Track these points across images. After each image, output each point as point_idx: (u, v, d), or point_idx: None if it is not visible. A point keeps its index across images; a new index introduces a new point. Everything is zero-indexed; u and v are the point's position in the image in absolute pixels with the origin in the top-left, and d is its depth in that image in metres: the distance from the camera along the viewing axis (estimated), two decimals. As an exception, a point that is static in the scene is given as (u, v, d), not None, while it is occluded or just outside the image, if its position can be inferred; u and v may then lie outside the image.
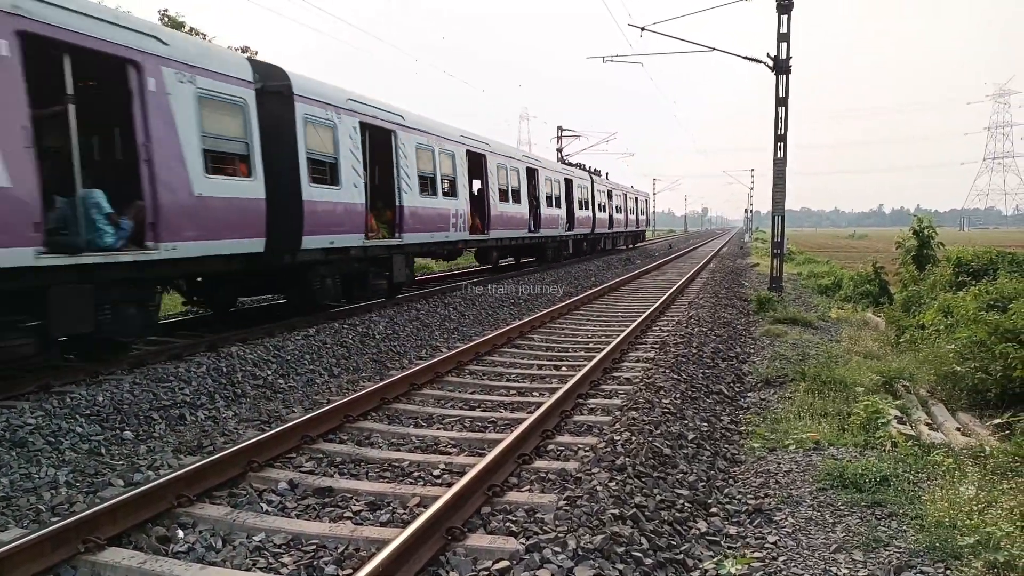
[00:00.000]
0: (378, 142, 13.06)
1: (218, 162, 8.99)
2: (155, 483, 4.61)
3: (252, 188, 9.52)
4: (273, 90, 10.02)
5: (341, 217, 11.46)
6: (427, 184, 14.63)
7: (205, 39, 22.41)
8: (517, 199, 20.46)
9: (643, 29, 18.04)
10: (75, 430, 6.22)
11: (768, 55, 16.99)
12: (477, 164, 17.72)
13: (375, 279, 13.09)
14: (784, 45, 16.87)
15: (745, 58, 17.65)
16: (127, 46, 7.61)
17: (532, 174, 22.30)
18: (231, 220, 9.12)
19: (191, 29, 22.77)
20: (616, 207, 36.23)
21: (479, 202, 18.12)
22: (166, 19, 22.50)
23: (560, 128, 44.98)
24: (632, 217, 41.17)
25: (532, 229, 21.91)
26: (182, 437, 6.43)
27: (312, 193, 10.66)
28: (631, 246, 42.29)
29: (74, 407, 6.57)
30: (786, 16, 16.74)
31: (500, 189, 18.92)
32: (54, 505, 4.84)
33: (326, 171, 11.17)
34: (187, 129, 8.35)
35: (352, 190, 11.73)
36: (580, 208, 28.30)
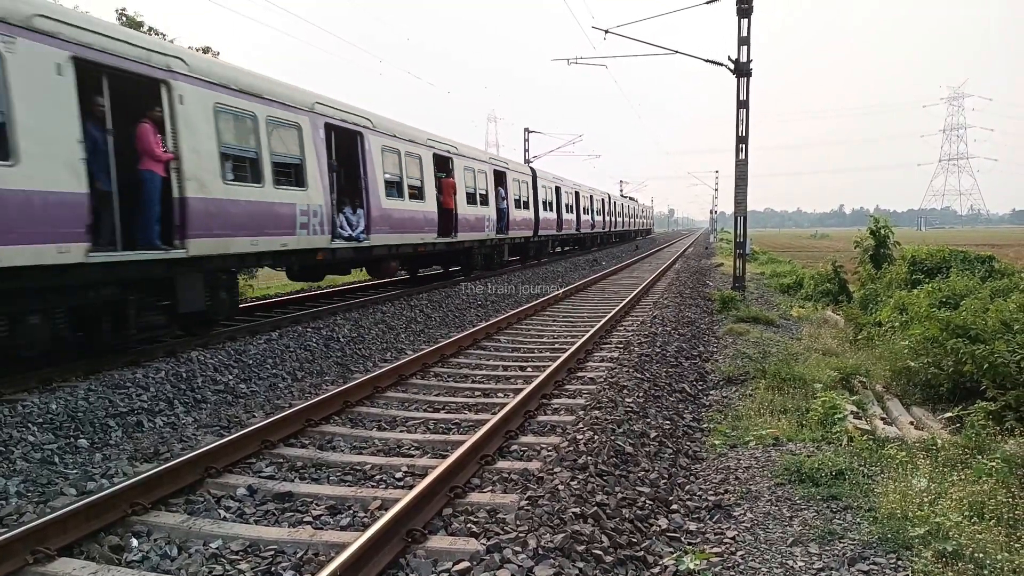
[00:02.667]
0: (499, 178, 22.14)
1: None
2: (108, 491, 4.50)
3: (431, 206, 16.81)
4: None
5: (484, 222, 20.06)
6: (519, 203, 24.08)
7: (165, 39, 21.97)
8: (570, 210, 32.58)
9: (607, 32, 18.19)
10: (27, 439, 6.05)
11: (729, 58, 17.26)
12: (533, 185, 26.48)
13: (498, 256, 22.43)
14: (744, 49, 17.14)
15: (707, 61, 17.89)
16: (358, 125, 13.31)
17: (577, 196, 34.20)
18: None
19: (149, 29, 22.33)
20: (645, 216, 73.37)
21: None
22: (124, 19, 22.01)
23: (527, 130, 45.13)
24: (643, 220, 72.03)
25: (577, 228, 35.22)
26: (139, 444, 6.30)
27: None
28: (641, 237, 66.78)
29: (26, 415, 6.39)
30: (746, 20, 17.01)
31: (545, 201, 27.96)
32: (2, 516, 4.69)
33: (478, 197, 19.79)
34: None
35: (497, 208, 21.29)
36: (626, 216, 55.37)
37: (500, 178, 22.25)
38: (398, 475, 5.34)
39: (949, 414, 6.94)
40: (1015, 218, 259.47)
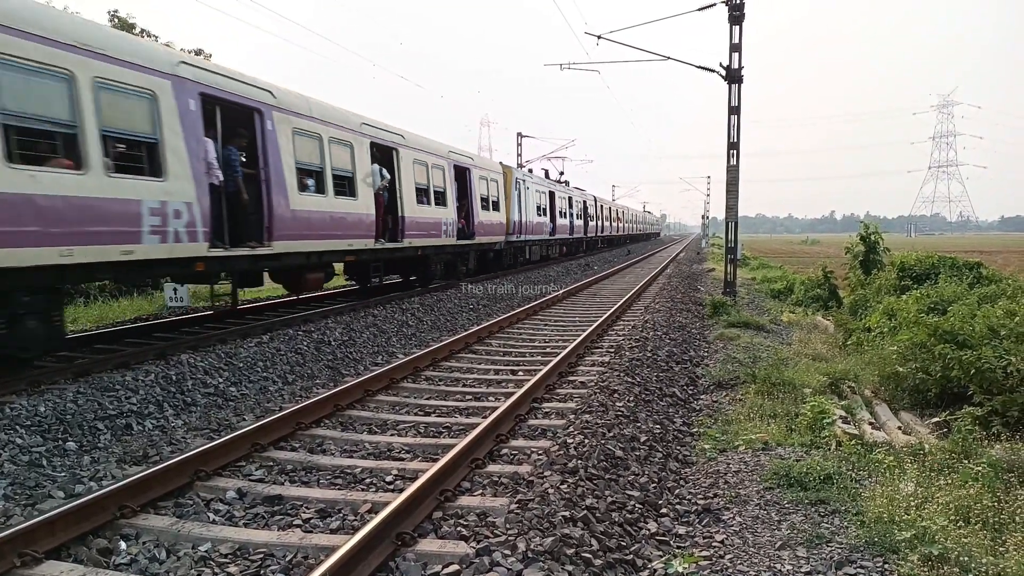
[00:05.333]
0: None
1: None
2: (97, 494, 4.48)
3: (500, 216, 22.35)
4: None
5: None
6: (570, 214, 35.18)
7: (156, 40, 21.92)
8: (604, 219, 46.64)
9: (599, 37, 18.24)
10: (15, 441, 6.01)
11: (721, 64, 17.35)
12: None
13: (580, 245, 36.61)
14: (736, 55, 17.24)
15: (698, 67, 17.98)
16: (466, 164, 19.36)
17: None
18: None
19: (142, 31, 22.29)
20: (655, 223, 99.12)
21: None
22: (116, 20, 21.96)
23: (520, 135, 45.25)
24: (654, 226, 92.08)
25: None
26: (128, 447, 6.27)
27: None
28: (652, 238, 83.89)
29: (14, 418, 6.35)
30: (738, 27, 17.11)
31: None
32: (-11, 519, 4.67)
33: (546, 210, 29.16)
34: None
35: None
36: (645, 223, 78.88)
37: (569, 199, 35.13)
38: (388, 478, 5.34)
39: (936, 419, 6.99)
40: (1004, 225, 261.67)
